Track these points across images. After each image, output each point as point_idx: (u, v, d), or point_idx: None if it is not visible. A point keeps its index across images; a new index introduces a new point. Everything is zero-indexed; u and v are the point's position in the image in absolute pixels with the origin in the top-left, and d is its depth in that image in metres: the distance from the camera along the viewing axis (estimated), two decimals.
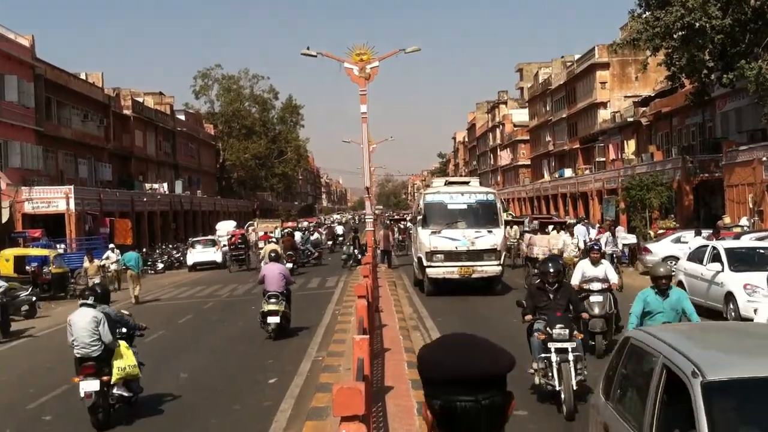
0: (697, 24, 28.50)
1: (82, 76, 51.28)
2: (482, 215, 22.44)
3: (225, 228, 48.25)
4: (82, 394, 9.87)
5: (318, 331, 16.99)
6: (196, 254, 39.68)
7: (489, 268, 21.59)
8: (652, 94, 50.81)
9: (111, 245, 31.59)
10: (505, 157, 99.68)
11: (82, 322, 10.04)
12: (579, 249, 23.63)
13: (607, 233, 27.31)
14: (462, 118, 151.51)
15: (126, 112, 56.27)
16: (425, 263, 21.76)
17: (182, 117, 72.88)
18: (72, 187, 39.63)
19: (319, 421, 9.27)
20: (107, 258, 29.69)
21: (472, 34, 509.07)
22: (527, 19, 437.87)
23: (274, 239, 34.28)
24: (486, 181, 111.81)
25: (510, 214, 60.80)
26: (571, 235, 25.86)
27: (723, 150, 35.00)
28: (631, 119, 52.26)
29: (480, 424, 2.01)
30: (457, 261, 21.52)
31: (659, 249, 26.74)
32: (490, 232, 21.77)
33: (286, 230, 40.48)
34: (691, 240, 22.50)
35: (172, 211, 58.35)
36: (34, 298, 23.24)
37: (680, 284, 18.26)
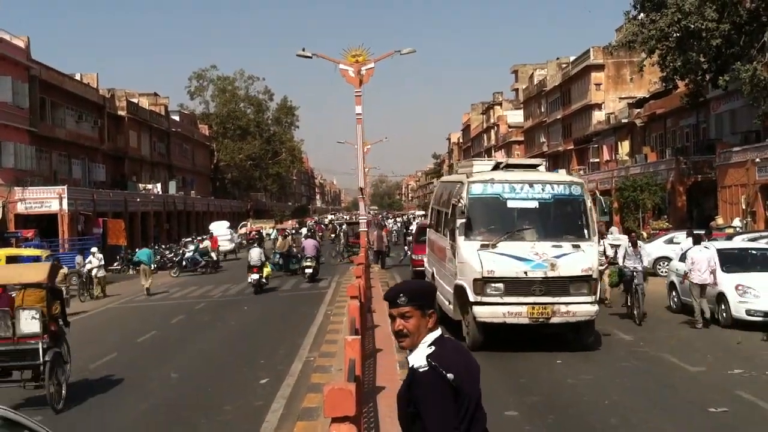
0: (693, 27, 28.57)
1: (77, 77, 51.20)
2: (563, 220, 14.94)
3: (217, 228, 48.22)
4: (250, 280, 25.71)
5: (310, 331, 16.98)
6: (189, 255, 39.57)
7: (579, 307, 13.48)
8: (647, 96, 50.91)
9: (93, 249, 29.47)
10: (499, 158, 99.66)
11: (255, 252, 26.03)
12: (606, 257, 18.86)
13: (624, 240, 20.44)
14: (457, 119, 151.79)
15: (120, 112, 56.16)
16: (473, 297, 13.61)
17: (177, 118, 72.79)
18: (65, 187, 39.54)
19: (311, 421, 9.25)
20: (89, 262, 28.00)
21: (468, 36, 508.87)
22: (523, 21, 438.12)
23: (286, 234, 39.38)
24: None
25: None
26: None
27: (716, 151, 35.09)
28: (626, 120, 52.34)
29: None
30: (527, 295, 13.46)
31: (652, 250, 26.77)
32: (577, 247, 13.88)
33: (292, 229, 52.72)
34: (684, 241, 22.49)
35: (165, 212, 58.27)
36: None
37: (672, 285, 18.37)
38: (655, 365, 12.62)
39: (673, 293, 18.21)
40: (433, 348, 3.77)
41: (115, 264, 39.44)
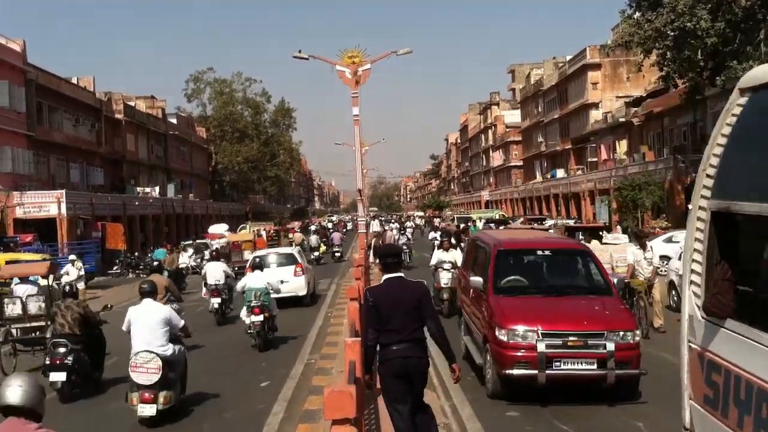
0: (688, 26, 28.58)
1: (74, 81, 51.22)
2: None
3: (216, 231, 48.20)
4: (312, 257, 37.08)
5: (311, 333, 16.97)
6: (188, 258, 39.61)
7: None
8: (644, 95, 50.94)
9: (72, 257, 26.98)
10: (497, 158, 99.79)
11: (313, 238, 44.09)
12: (655, 267, 16.00)
13: (623, 239, 19.99)
14: (454, 119, 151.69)
15: (118, 116, 56.18)
16: None
17: (174, 120, 72.79)
18: (63, 191, 39.57)
19: (312, 424, 9.27)
20: (66, 273, 24.72)
21: (464, 36, 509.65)
22: (519, 21, 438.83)
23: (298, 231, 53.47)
24: (478, 182, 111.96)
25: (501, 214, 60.78)
26: (643, 247, 16.28)
27: None
28: (623, 119, 52.41)
29: (396, 268, 7.32)
30: None
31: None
32: None
33: (319, 225, 66.36)
34: (683, 240, 22.39)
35: (164, 215, 58.28)
36: None
37: (671, 285, 18.39)
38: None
39: (673, 292, 18.24)
40: (378, 284, 7.37)
41: (115, 268, 39.43)
